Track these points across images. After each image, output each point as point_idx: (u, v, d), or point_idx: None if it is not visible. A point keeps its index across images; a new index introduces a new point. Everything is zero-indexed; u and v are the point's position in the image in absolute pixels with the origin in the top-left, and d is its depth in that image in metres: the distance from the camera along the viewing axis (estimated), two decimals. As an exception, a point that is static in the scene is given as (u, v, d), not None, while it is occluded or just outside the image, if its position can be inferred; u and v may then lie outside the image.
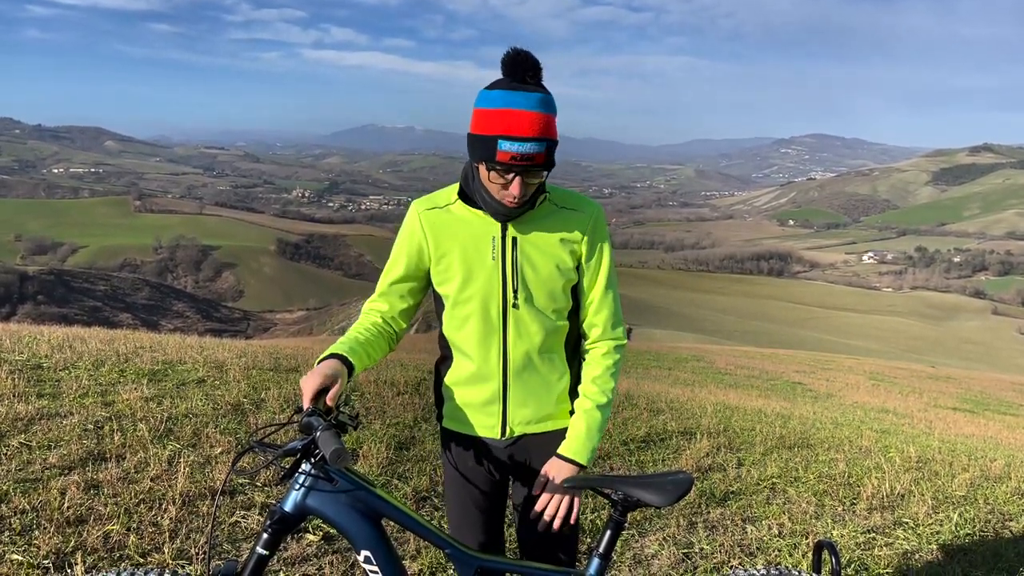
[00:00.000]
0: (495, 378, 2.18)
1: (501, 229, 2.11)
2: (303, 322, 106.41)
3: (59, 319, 24.83)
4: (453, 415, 2.28)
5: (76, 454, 4.14)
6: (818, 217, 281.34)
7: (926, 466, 5.93)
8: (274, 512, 1.87)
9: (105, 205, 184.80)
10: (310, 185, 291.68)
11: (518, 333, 2.14)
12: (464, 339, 2.19)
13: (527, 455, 2.26)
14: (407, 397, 6.32)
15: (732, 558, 3.89)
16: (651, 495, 2.01)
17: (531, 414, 2.21)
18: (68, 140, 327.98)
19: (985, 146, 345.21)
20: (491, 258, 2.11)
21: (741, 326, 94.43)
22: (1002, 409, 15.95)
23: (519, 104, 1.92)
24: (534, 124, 1.92)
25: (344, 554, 3.45)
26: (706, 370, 18.11)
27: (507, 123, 1.91)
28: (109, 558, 3.18)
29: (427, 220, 2.16)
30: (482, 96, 1.98)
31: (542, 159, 1.94)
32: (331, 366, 1.95)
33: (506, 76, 1.97)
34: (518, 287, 2.11)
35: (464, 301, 2.15)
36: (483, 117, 1.96)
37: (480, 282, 2.12)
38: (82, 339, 7.50)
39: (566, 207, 2.16)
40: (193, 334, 11.15)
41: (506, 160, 1.93)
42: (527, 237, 2.11)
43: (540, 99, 1.94)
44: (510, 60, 1.96)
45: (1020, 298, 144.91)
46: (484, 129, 1.95)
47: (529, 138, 1.91)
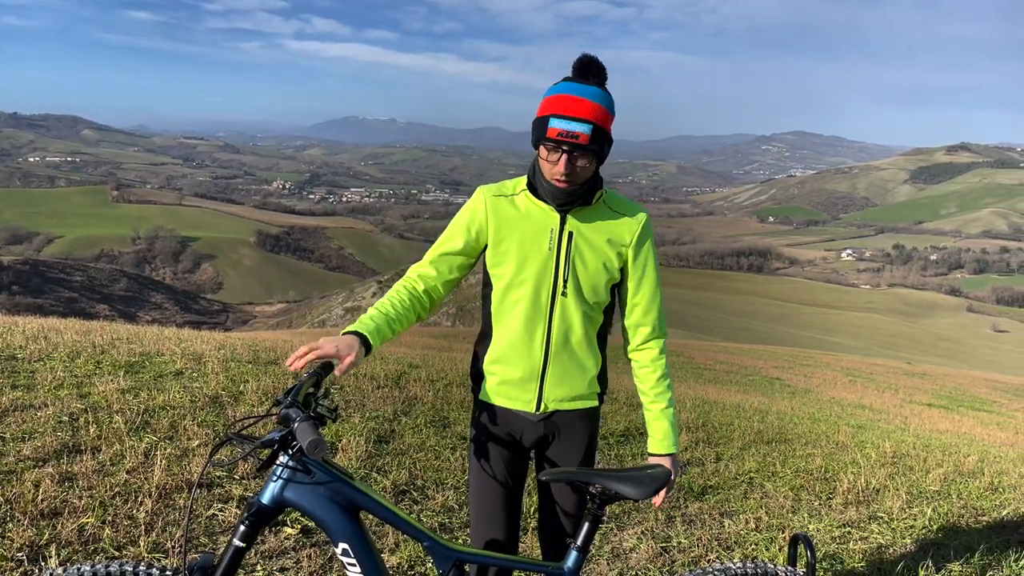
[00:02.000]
0: (537, 357, 2.34)
1: (560, 222, 2.28)
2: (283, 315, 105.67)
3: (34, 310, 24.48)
4: (491, 388, 2.41)
5: (51, 446, 4.10)
6: (798, 214, 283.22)
7: (901, 461, 6.00)
8: (251, 504, 1.86)
9: (82, 195, 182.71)
10: (291, 177, 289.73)
11: (562, 319, 2.32)
12: (512, 319, 2.34)
13: (556, 429, 2.42)
14: (387, 391, 6.30)
15: (710, 552, 3.92)
16: (629, 488, 2.05)
17: (565, 393, 2.37)
18: (44, 128, 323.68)
19: (962, 145, 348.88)
20: (548, 248, 2.28)
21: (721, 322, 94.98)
22: (976, 405, 16.17)
23: (574, 91, 2.14)
24: (583, 107, 2.11)
25: (322, 547, 3.44)
26: (686, 365, 18.21)
27: (560, 104, 2.12)
28: (84, 551, 3.15)
29: (492, 205, 2.32)
30: (549, 88, 2.19)
31: (587, 139, 2.11)
32: (348, 342, 2.05)
33: (575, 76, 2.18)
34: (568, 277, 2.29)
35: (518, 284, 2.31)
36: (544, 102, 2.17)
37: (534, 268, 2.29)
38: (57, 330, 7.42)
39: (618, 211, 2.35)
40: (171, 326, 11.06)
41: (554, 136, 2.11)
42: (582, 233, 2.30)
43: (595, 91, 2.15)
44: (579, 63, 2.19)
45: (995, 296, 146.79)
46: (541, 111, 2.16)
47: (576, 118, 2.10)
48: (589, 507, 2.14)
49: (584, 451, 2.44)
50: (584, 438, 2.44)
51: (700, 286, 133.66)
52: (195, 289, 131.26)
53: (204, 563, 1.86)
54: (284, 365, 1.95)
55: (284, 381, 6.06)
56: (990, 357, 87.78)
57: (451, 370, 8.04)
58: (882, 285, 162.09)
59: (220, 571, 1.84)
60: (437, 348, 15.18)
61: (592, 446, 2.47)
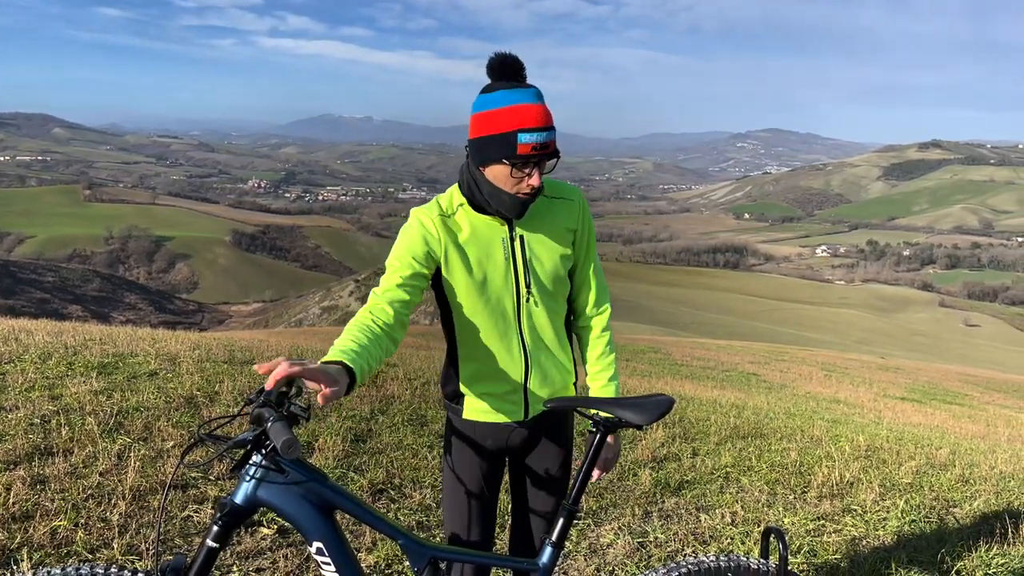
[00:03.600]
0: (518, 369, 2.28)
1: (509, 230, 2.21)
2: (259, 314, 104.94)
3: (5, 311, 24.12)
4: (475, 407, 2.33)
5: (22, 449, 4.04)
6: (773, 211, 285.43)
7: (875, 454, 6.07)
8: (224, 504, 1.84)
9: (54, 194, 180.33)
10: (266, 175, 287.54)
11: (532, 324, 2.27)
12: (484, 339, 2.25)
13: (540, 430, 2.39)
14: (363, 389, 6.28)
15: (686, 546, 3.95)
16: (633, 415, 2.06)
17: (548, 392, 2.34)
18: (14, 127, 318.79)
19: (934, 142, 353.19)
20: (504, 259, 2.20)
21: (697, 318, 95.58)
22: (948, 399, 16.39)
23: (525, 99, 2.04)
24: (543, 114, 2.04)
25: (298, 547, 3.43)
26: (663, 361, 18.30)
27: (521, 117, 2.02)
28: (56, 554, 3.12)
29: (442, 226, 2.18)
30: (483, 100, 2.06)
31: (553, 146, 2.06)
32: (332, 375, 1.82)
33: (497, 79, 2.07)
34: (530, 282, 2.23)
35: (483, 304, 2.22)
36: (493, 117, 2.04)
37: (496, 284, 2.21)
38: (29, 331, 7.32)
39: (556, 197, 2.28)
40: (145, 326, 10.95)
41: (527, 151, 2.02)
42: (532, 233, 2.23)
43: (536, 92, 2.07)
44: (498, 63, 2.07)
45: (966, 291, 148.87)
46: (498, 128, 2.03)
47: (543, 127, 2.03)
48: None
49: (564, 449, 2.44)
50: (566, 430, 2.44)
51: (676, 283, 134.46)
52: (170, 289, 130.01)
53: (177, 564, 1.84)
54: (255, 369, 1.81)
55: (260, 381, 6.01)
56: (962, 351, 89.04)
57: (428, 368, 8.03)
58: (856, 281, 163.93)
59: (193, 572, 1.83)
60: (414, 347, 15.14)
61: (569, 435, 2.46)
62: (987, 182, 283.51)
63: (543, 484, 2.41)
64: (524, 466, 2.42)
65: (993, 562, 3.90)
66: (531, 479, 2.42)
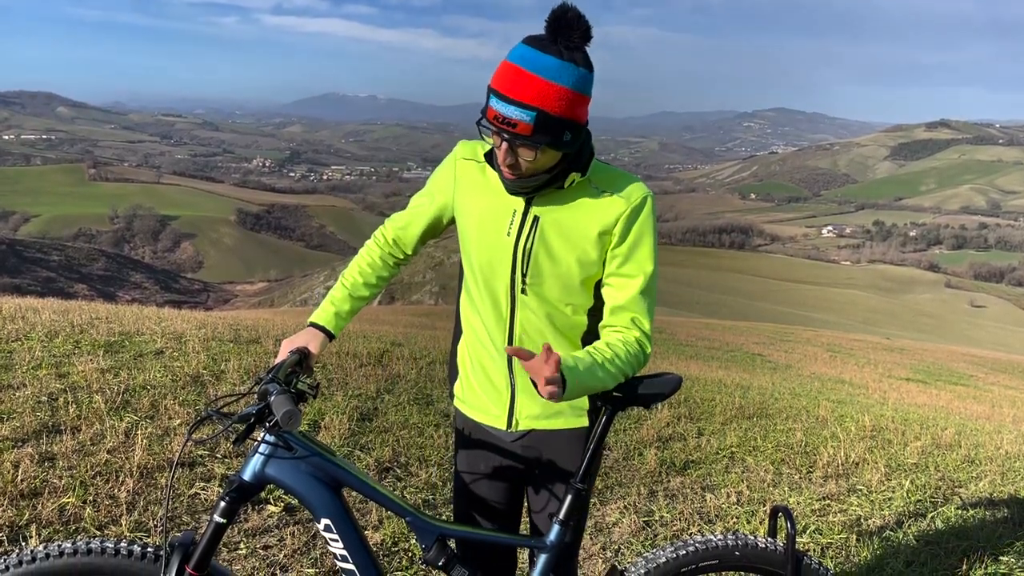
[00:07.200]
0: (501, 364, 2.03)
1: (525, 204, 1.90)
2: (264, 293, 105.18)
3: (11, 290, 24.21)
4: (462, 395, 2.16)
5: (30, 426, 4.06)
6: (779, 191, 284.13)
7: (880, 435, 6.07)
8: (232, 480, 1.85)
9: (58, 173, 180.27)
10: (271, 154, 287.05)
11: (524, 321, 1.97)
12: (475, 315, 2.05)
13: (537, 452, 2.09)
14: (370, 368, 6.29)
15: (691, 525, 3.96)
16: (641, 392, 1.94)
17: (540, 409, 2.03)
18: (19, 106, 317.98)
19: (942, 122, 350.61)
20: (507, 233, 1.91)
21: (703, 298, 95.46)
22: (953, 379, 16.37)
23: (525, 62, 1.70)
24: (527, 87, 1.68)
25: (306, 524, 3.44)
26: (668, 342, 18.29)
27: (503, 78, 1.72)
28: (65, 531, 3.14)
29: (462, 170, 2.00)
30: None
31: (528, 130, 1.70)
32: (304, 338, 2.04)
33: (549, 33, 1.73)
34: (527, 272, 1.91)
35: (476, 272, 1.99)
36: (498, 68, 1.76)
37: (488, 256, 1.94)
38: (35, 310, 7.33)
39: (606, 190, 1.89)
40: (151, 305, 10.97)
41: (490, 118, 1.74)
42: (552, 220, 1.89)
43: (553, 64, 1.70)
44: (553, 18, 1.70)
45: (972, 272, 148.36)
46: (491, 80, 1.75)
47: (514, 100, 1.69)
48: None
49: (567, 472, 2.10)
50: (571, 459, 2.07)
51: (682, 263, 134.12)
52: (175, 268, 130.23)
53: (184, 540, 1.85)
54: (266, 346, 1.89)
55: (265, 360, 6.03)
56: (968, 332, 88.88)
57: (434, 348, 8.04)
58: (862, 261, 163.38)
59: (201, 547, 1.84)
60: (419, 326, 15.16)
61: (576, 460, 2.08)
62: (995, 162, 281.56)
63: (544, 496, 2.16)
64: (528, 493, 2.19)
65: (1000, 542, 3.90)
66: (532, 488, 2.19)
